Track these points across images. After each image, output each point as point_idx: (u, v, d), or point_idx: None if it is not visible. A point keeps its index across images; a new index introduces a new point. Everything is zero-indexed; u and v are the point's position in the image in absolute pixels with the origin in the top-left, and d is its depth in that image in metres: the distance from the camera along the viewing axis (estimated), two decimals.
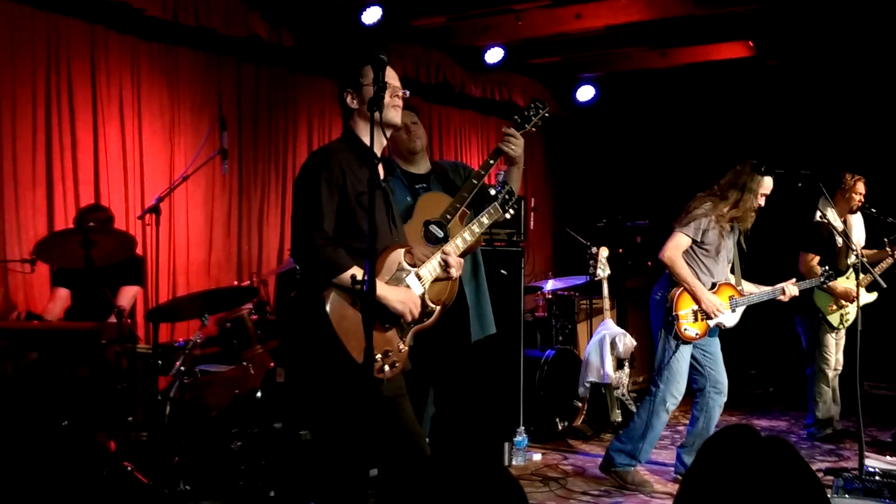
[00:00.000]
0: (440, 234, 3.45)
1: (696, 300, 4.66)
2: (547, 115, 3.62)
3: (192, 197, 6.15)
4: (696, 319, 4.69)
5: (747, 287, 4.88)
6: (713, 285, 4.74)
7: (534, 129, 3.61)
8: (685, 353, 4.70)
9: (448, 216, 3.48)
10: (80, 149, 5.50)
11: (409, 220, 3.52)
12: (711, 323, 4.71)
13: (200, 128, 6.15)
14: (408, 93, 3.19)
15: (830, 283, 5.66)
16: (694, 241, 4.70)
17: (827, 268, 5.13)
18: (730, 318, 4.79)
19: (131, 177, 5.78)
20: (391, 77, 3.11)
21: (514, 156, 3.56)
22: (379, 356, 2.95)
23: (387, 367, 2.97)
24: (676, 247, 4.69)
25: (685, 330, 4.67)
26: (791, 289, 4.89)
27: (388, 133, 3.13)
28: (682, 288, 4.67)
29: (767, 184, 4.75)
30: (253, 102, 6.58)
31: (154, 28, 5.80)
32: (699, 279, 4.70)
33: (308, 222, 2.94)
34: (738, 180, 4.73)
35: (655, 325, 4.82)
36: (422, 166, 4.15)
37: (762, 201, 4.77)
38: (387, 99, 3.03)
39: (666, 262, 4.72)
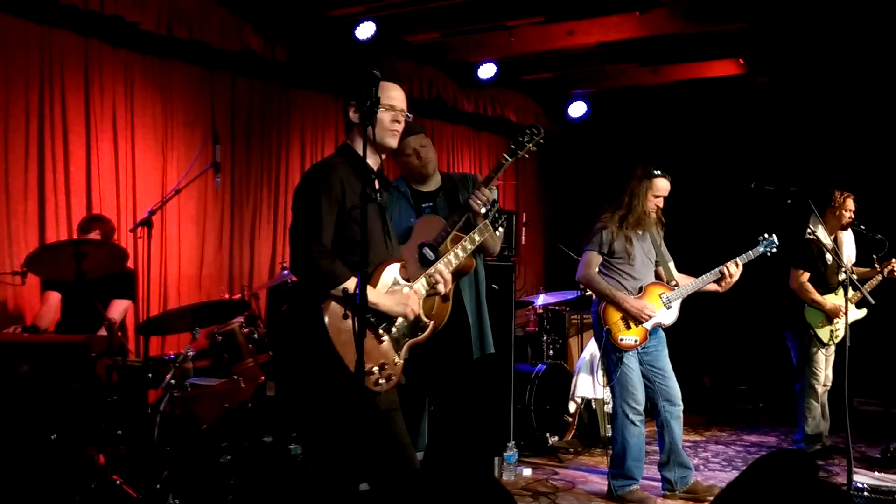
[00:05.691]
0: (432, 256, 3.52)
1: (622, 309, 4.71)
2: (542, 141, 3.72)
3: (185, 210, 6.15)
4: (629, 327, 4.72)
5: (683, 281, 4.90)
6: (640, 289, 4.78)
7: (527, 155, 3.74)
8: (630, 362, 4.74)
9: (439, 239, 3.56)
10: (73, 161, 5.50)
11: (407, 241, 3.60)
12: (647, 325, 4.74)
13: (193, 141, 6.17)
14: (410, 116, 3.23)
15: (819, 299, 5.70)
16: (603, 255, 4.77)
17: (765, 234, 4.99)
18: (666, 316, 4.82)
19: (123, 189, 5.78)
20: (397, 99, 3.15)
21: (477, 212, 3.66)
22: (375, 369, 2.97)
23: (382, 380, 2.99)
24: (587, 265, 4.79)
25: (622, 340, 4.71)
26: (732, 268, 4.77)
27: (384, 154, 3.17)
28: (605, 301, 4.73)
29: (659, 185, 4.78)
30: (246, 116, 6.60)
31: (148, 42, 5.81)
32: (625, 287, 4.75)
33: (307, 235, 2.97)
34: (626, 186, 4.80)
35: (598, 343, 4.90)
36: (431, 184, 4.21)
37: (659, 202, 4.82)
38: (387, 122, 3.08)
39: (582, 283, 4.86)
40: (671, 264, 4.96)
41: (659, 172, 4.78)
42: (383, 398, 3.03)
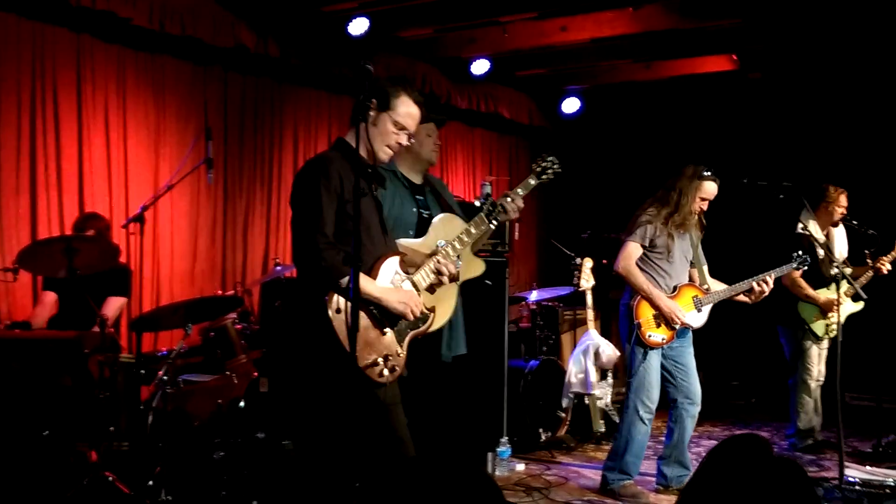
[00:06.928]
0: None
1: (655, 307, 4.69)
2: (559, 171, 3.90)
3: (177, 206, 6.14)
4: (659, 325, 4.71)
5: (715, 286, 4.89)
6: (674, 288, 4.77)
7: (546, 181, 3.90)
8: (653, 360, 4.72)
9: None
10: (65, 157, 5.49)
11: (424, 236, 3.59)
12: (676, 326, 4.74)
13: (186, 137, 6.15)
14: (413, 142, 3.37)
15: (812, 293, 5.72)
16: (644, 248, 4.74)
17: (800, 252, 5.05)
18: (696, 319, 4.80)
19: (116, 186, 5.76)
20: (412, 120, 3.21)
21: (510, 217, 3.73)
22: (380, 360, 2.98)
23: (386, 372, 3.01)
24: (628, 256, 4.73)
25: (649, 336, 4.70)
26: (768, 279, 4.77)
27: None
28: (640, 296, 4.71)
29: (707, 188, 4.74)
30: (239, 112, 6.58)
31: (140, 37, 5.80)
32: (659, 284, 4.73)
33: (310, 226, 2.97)
34: (675, 184, 4.77)
35: (623, 335, 4.87)
36: (419, 177, 4.21)
37: (704, 206, 4.79)
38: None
39: (621, 273, 4.76)
40: (705, 268, 4.92)
41: (709, 175, 4.71)
42: (387, 391, 3.05)
